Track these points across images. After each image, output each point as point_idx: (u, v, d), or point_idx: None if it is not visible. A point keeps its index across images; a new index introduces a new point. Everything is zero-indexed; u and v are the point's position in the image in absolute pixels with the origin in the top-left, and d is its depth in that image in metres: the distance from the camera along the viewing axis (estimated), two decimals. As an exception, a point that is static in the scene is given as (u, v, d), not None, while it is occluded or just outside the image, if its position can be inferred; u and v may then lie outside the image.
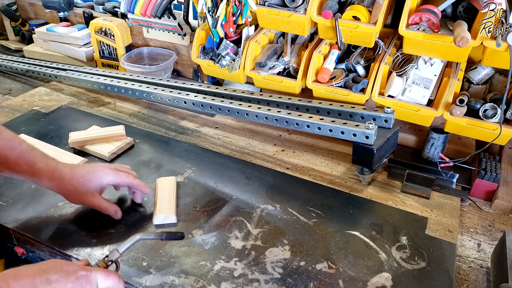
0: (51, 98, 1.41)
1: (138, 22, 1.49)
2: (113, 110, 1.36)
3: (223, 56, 1.23)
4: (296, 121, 1.03)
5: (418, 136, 1.16)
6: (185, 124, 1.30)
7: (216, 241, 0.87)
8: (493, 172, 1.01)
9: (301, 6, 1.08)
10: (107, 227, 0.89)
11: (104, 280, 0.62)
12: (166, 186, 0.98)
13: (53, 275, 0.56)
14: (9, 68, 1.53)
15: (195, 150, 1.16)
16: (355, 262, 0.83)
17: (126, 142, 1.15)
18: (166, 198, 0.95)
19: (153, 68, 1.42)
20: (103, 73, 1.38)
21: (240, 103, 1.13)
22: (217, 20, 1.14)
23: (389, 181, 1.07)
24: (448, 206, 0.99)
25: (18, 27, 1.77)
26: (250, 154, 1.16)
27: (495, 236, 0.93)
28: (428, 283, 0.79)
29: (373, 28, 1.01)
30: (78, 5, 1.75)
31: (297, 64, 1.19)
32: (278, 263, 0.82)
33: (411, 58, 1.11)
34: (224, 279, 0.78)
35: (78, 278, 0.58)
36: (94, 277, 0.60)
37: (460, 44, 0.89)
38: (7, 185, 0.99)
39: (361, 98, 1.09)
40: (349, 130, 0.97)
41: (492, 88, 1.07)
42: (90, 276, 0.59)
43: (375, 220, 0.93)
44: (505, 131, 0.97)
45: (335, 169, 1.12)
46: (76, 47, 1.58)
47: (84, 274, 0.59)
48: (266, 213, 0.94)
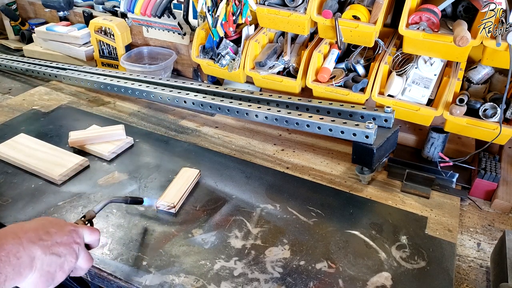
0: (51, 97, 1.41)
1: (138, 22, 1.49)
2: (113, 110, 1.36)
3: (223, 55, 1.23)
4: (296, 121, 1.03)
5: (418, 136, 1.16)
6: (185, 124, 1.30)
7: (216, 241, 0.87)
8: (493, 171, 1.01)
9: (301, 5, 1.08)
10: (107, 226, 0.89)
11: (89, 235, 0.71)
12: (184, 177, 1.01)
13: (52, 229, 0.65)
14: (9, 67, 1.53)
15: (195, 150, 1.16)
16: (355, 262, 0.83)
17: (126, 142, 1.15)
18: (177, 188, 0.97)
19: (153, 68, 1.42)
20: (103, 73, 1.38)
21: (240, 103, 1.13)
22: (217, 19, 1.14)
23: (389, 181, 1.07)
24: (448, 206, 0.99)
25: (18, 26, 1.77)
26: (250, 154, 1.16)
27: (495, 236, 0.93)
28: (428, 283, 0.79)
29: (373, 28, 1.01)
30: (78, 4, 1.75)
31: (297, 64, 1.19)
32: (278, 262, 0.82)
33: (411, 57, 1.11)
34: (224, 279, 0.78)
35: (70, 231, 0.67)
36: (81, 232, 0.70)
37: (460, 44, 0.89)
38: (7, 185, 1.00)
39: (361, 98, 1.09)
40: (349, 130, 0.97)
41: (492, 87, 1.07)
42: (79, 231, 0.69)
43: (375, 220, 0.93)
44: (505, 131, 0.97)
45: (335, 168, 1.12)
46: (76, 46, 1.58)
47: (74, 229, 0.69)
48: (266, 213, 0.94)
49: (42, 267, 0.61)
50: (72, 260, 0.66)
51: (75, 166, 1.04)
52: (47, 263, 0.62)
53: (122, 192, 0.99)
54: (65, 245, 0.65)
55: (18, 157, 1.06)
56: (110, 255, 0.83)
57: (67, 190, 0.99)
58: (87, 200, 0.96)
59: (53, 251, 0.63)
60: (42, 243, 0.62)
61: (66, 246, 0.65)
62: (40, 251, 0.61)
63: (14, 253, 0.58)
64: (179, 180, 1.00)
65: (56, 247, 0.64)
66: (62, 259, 0.64)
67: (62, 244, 0.65)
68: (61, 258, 0.64)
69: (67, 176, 1.02)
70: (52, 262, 0.62)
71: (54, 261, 0.63)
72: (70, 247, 0.66)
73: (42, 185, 1.00)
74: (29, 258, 0.60)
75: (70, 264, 0.65)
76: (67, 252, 0.65)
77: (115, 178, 1.04)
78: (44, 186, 1.00)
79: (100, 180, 1.03)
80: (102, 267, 0.81)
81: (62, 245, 0.65)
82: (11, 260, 0.57)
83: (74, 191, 0.99)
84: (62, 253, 0.64)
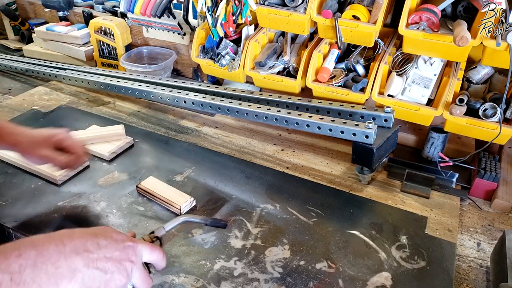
0: (50, 97, 1.41)
1: (138, 22, 1.49)
2: (113, 110, 1.36)
3: (222, 55, 1.23)
4: (295, 121, 1.03)
5: (418, 136, 1.16)
6: (185, 124, 1.30)
7: (216, 241, 0.87)
8: (493, 171, 1.01)
9: (300, 5, 1.08)
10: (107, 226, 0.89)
11: (149, 254, 0.64)
12: (160, 185, 0.99)
13: (103, 241, 0.59)
14: (8, 67, 1.53)
15: (195, 150, 1.16)
16: (355, 262, 0.83)
17: (126, 142, 1.15)
18: (171, 192, 0.96)
19: (152, 68, 1.42)
20: (102, 73, 1.38)
21: (240, 103, 1.13)
22: (216, 19, 1.14)
23: (389, 181, 1.07)
24: (447, 206, 0.99)
25: (17, 26, 1.77)
26: (249, 154, 1.16)
27: (495, 236, 0.93)
28: (427, 283, 0.79)
29: (373, 28, 1.01)
30: (78, 4, 1.75)
31: (297, 64, 1.19)
32: (278, 262, 0.82)
33: (411, 57, 1.11)
34: (224, 279, 0.78)
35: (125, 247, 0.60)
36: (140, 249, 0.63)
37: (460, 44, 0.89)
38: (7, 185, 1.00)
39: (360, 98, 1.09)
40: (349, 130, 0.97)
41: (492, 87, 1.07)
42: (137, 248, 0.62)
43: (375, 220, 0.93)
44: (504, 131, 0.97)
45: (335, 168, 1.12)
46: (76, 46, 1.58)
47: (131, 245, 0.61)
48: (266, 213, 0.94)
49: (83, 281, 0.54)
50: (121, 279, 0.58)
51: (75, 166, 1.04)
52: (88, 277, 0.55)
53: (122, 192, 0.99)
54: (115, 261, 0.58)
55: (18, 157, 1.06)
56: (110, 255, 0.83)
57: (67, 190, 0.99)
58: (87, 200, 0.96)
59: (98, 266, 0.56)
60: (87, 255, 0.56)
61: (115, 263, 0.58)
62: (82, 263, 0.55)
63: (53, 261, 0.53)
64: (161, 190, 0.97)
65: (103, 262, 0.57)
66: (108, 276, 0.57)
67: (112, 259, 0.58)
68: (106, 275, 0.57)
69: (67, 176, 1.02)
70: (95, 277, 0.56)
71: (98, 277, 0.56)
72: (120, 264, 0.59)
73: (42, 185, 1.00)
74: (69, 269, 0.54)
75: (117, 283, 0.58)
76: (115, 269, 0.58)
77: (115, 178, 1.04)
78: (44, 186, 1.00)
79: (100, 180, 1.03)
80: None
81: (111, 261, 0.58)
82: (49, 269, 0.52)
83: (74, 191, 0.99)
84: (109, 270, 0.57)
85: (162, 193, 0.95)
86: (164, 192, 0.96)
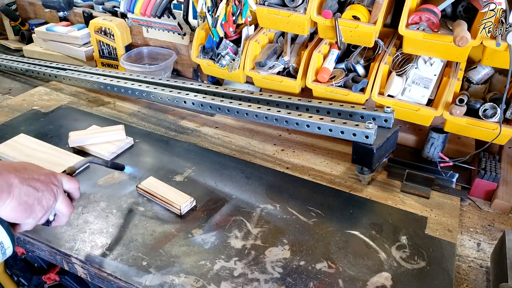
0: (50, 97, 1.41)
1: (138, 22, 1.49)
2: (113, 110, 1.36)
3: (222, 55, 1.23)
4: (295, 121, 1.03)
5: (418, 136, 1.16)
6: (185, 124, 1.30)
7: (216, 241, 0.87)
8: (493, 171, 1.01)
9: (301, 5, 1.08)
10: (107, 226, 0.89)
11: (67, 182, 0.73)
12: (160, 186, 0.99)
13: (29, 166, 0.67)
14: (8, 67, 1.53)
15: (195, 150, 1.16)
16: (355, 262, 0.83)
17: (126, 142, 1.15)
18: (171, 192, 0.97)
19: (153, 68, 1.42)
20: (102, 73, 1.38)
21: (240, 103, 1.13)
22: (217, 19, 1.14)
23: (389, 181, 1.07)
24: (447, 206, 0.99)
25: (17, 26, 1.77)
26: (250, 154, 1.16)
27: (495, 236, 0.93)
28: (427, 283, 0.79)
29: (373, 28, 1.01)
30: (78, 4, 1.75)
31: (297, 64, 1.19)
32: (278, 262, 0.82)
33: (411, 57, 1.11)
34: (224, 279, 0.78)
35: (47, 174, 0.69)
36: (60, 177, 0.71)
37: (460, 44, 0.89)
38: (6, 185, 0.99)
39: (360, 98, 1.09)
40: (349, 130, 0.97)
41: (491, 87, 1.07)
42: (57, 175, 0.71)
43: (375, 220, 0.93)
44: (504, 131, 0.97)
45: (335, 168, 1.12)
46: (76, 46, 1.58)
47: (52, 172, 0.70)
48: (266, 213, 0.94)
49: (20, 196, 0.62)
50: (50, 198, 0.66)
51: (75, 166, 1.04)
52: (24, 192, 0.62)
53: (122, 192, 0.99)
54: (43, 182, 0.66)
55: (18, 157, 1.06)
56: (110, 255, 0.83)
57: (67, 190, 0.99)
58: (87, 200, 0.96)
59: (30, 184, 0.64)
60: (19, 174, 0.63)
61: (43, 184, 0.66)
62: (17, 180, 0.62)
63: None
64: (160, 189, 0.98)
65: (34, 181, 0.64)
66: (40, 194, 0.65)
67: (40, 180, 0.66)
68: (38, 192, 0.64)
69: (67, 176, 1.02)
70: (29, 193, 0.63)
71: (32, 193, 0.63)
72: (47, 185, 0.66)
73: (42, 185, 1.00)
74: (7, 184, 0.61)
75: (48, 202, 0.66)
76: (44, 188, 0.66)
77: (115, 178, 1.04)
78: (44, 186, 1.00)
79: (100, 180, 1.03)
80: (102, 267, 0.81)
81: (40, 182, 0.65)
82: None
83: (74, 191, 0.99)
84: (39, 188, 0.65)
85: (162, 193, 0.95)
86: (164, 192, 0.96)
